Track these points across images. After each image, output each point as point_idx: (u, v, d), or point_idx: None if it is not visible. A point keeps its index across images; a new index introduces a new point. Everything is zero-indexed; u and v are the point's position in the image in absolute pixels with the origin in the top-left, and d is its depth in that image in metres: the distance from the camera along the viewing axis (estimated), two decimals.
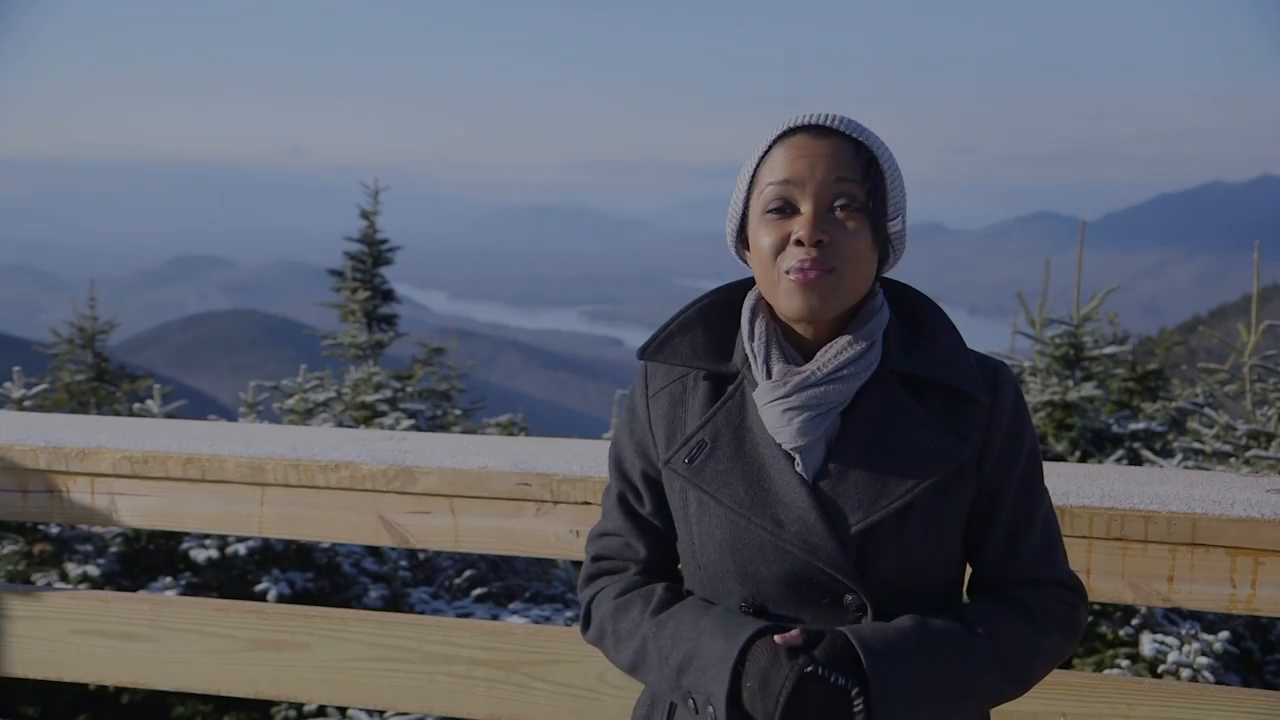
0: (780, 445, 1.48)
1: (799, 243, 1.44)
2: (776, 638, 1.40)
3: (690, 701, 1.44)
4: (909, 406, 1.49)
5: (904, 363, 1.51)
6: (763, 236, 1.47)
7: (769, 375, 1.49)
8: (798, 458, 1.48)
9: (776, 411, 1.47)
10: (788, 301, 1.46)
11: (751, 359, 1.52)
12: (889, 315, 1.54)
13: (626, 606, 1.56)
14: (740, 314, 1.58)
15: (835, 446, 1.48)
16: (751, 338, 1.52)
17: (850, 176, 1.45)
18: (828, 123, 1.47)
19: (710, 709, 1.40)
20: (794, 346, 1.52)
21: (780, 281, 1.46)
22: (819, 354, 1.49)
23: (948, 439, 1.48)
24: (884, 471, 1.46)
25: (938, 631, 1.42)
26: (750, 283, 1.58)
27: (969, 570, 1.60)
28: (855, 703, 1.35)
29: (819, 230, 1.43)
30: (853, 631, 1.40)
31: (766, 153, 1.49)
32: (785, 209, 1.46)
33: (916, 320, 1.56)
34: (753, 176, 1.51)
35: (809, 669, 1.35)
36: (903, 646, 1.39)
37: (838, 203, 1.45)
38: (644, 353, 1.58)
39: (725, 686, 1.38)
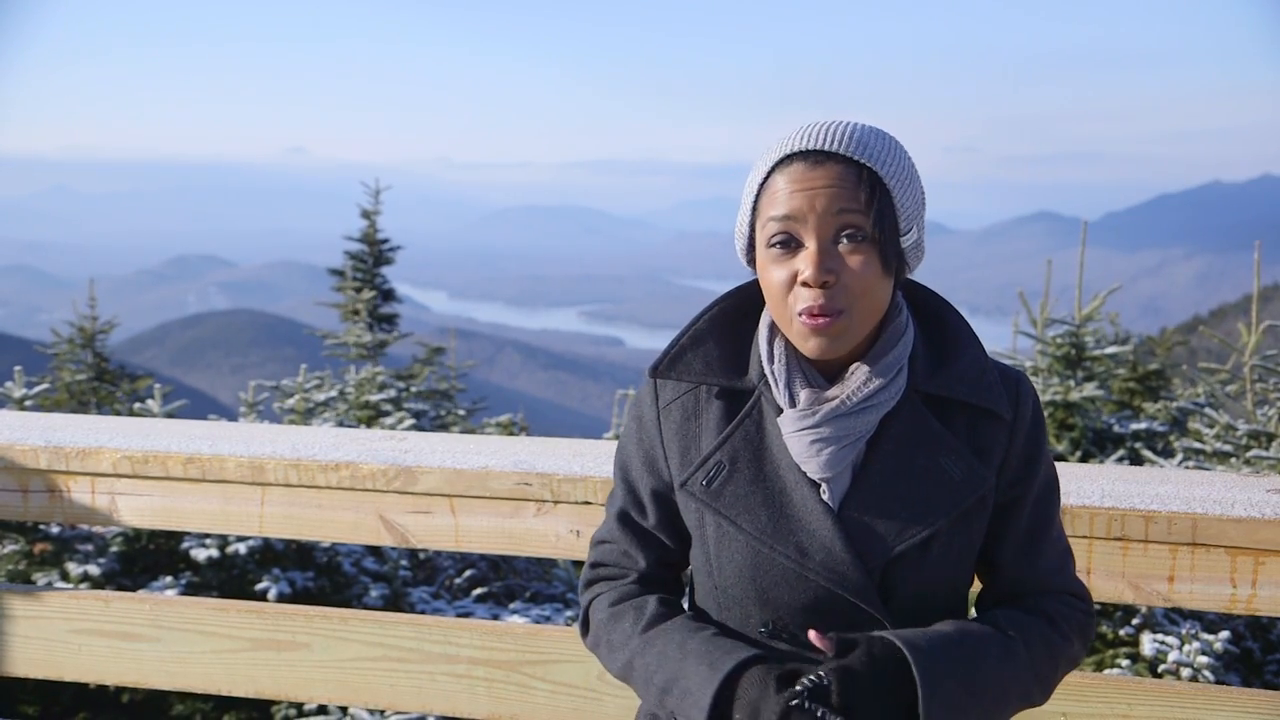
0: (805, 472, 1.46)
1: (806, 284, 1.40)
2: (813, 635, 1.38)
3: None
4: (935, 432, 1.47)
5: (929, 384, 1.48)
6: (771, 272, 1.43)
7: (793, 401, 1.46)
8: (824, 485, 1.45)
9: (805, 441, 1.44)
10: (801, 344, 1.43)
11: (772, 381, 1.48)
12: (914, 332, 1.50)
13: (619, 617, 1.55)
14: (752, 321, 1.55)
15: (861, 474, 1.46)
16: (771, 359, 1.48)
17: (853, 207, 1.39)
18: (826, 145, 1.39)
19: None
20: (815, 368, 1.48)
21: (793, 323, 1.42)
22: (846, 379, 1.46)
23: (974, 465, 1.46)
24: (910, 500, 1.44)
25: (979, 634, 1.42)
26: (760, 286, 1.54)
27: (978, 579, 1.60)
28: None
29: (824, 271, 1.38)
30: (897, 635, 1.38)
31: (767, 178, 1.44)
32: (789, 243, 1.41)
33: (939, 331, 1.53)
34: (755, 202, 1.46)
35: (794, 702, 1.32)
36: (948, 647, 1.38)
37: (843, 234, 1.39)
38: (655, 370, 1.54)
39: (705, 715, 1.37)
